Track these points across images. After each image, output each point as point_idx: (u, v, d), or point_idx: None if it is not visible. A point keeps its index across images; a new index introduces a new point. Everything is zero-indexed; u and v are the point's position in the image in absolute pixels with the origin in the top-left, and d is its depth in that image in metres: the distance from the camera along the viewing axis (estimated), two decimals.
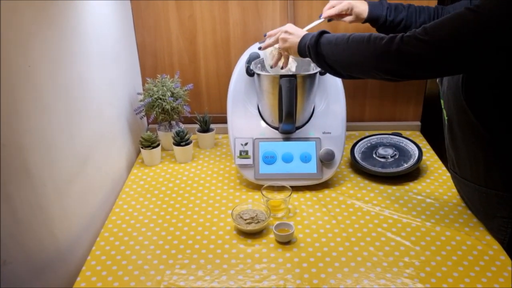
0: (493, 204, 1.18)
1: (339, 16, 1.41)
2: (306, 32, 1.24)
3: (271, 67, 1.39)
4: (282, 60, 1.35)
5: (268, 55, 1.40)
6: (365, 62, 1.08)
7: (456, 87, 1.11)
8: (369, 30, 1.36)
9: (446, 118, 1.23)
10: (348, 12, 1.39)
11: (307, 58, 1.23)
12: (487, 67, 0.99)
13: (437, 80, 1.26)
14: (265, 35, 1.36)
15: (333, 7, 1.41)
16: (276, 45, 1.32)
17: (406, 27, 1.35)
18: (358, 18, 1.38)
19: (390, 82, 1.77)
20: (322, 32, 1.18)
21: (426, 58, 0.99)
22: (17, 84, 0.95)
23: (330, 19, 1.43)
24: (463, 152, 1.21)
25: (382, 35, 1.06)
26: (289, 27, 1.27)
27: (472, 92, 1.09)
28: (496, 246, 1.19)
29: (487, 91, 1.06)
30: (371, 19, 1.37)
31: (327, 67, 1.17)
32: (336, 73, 1.19)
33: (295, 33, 1.25)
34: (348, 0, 1.39)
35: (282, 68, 1.37)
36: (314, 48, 1.17)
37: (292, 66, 1.44)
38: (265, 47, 1.36)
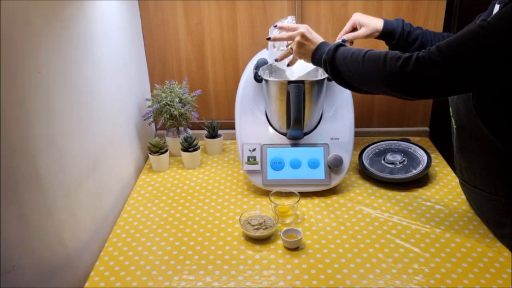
0: (503, 212, 1.17)
1: (353, 30, 1.37)
2: (323, 40, 1.22)
3: (276, 61, 1.37)
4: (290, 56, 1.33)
5: (275, 49, 1.39)
6: (380, 81, 1.07)
7: (467, 97, 1.11)
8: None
9: (454, 126, 1.22)
10: (357, 25, 1.36)
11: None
12: (503, 82, 0.99)
13: None
14: (275, 26, 1.33)
15: (355, 28, 1.38)
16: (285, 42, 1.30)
17: (421, 46, 1.32)
18: (373, 31, 1.33)
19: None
20: (339, 46, 1.17)
21: (442, 79, 0.99)
22: (27, 90, 0.96)
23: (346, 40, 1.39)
24: (473, 160, 1.20)
25: (398, 53, 1.05)
26: (306, 30, 1.23)
27: (483, 101, 1.08)
28: (507, 253, 1.18)
29: (498, 101, 1.06)
30: (386, 32, 1.33)
31: (342, 82, 1.17)
32: (351, 88, 1.19)
33: (312, 39, 1.22)
34: (373, 26, 1.35)
35: (288, 65, 1.36)
36: (331, 63, 1.15)
37: (295, 73, 1.43)
38: (275, 40, 1.33)
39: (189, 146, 1.62)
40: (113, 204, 1.41)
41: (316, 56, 1.21)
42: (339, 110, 1.52)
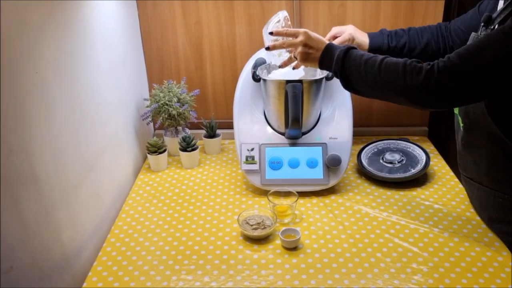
0: (508, 210, 1.16)
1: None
2: (326, 43, 1.17)
3: (280, 67, 1.34)
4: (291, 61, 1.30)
5: (276, 55, 1.37)
6: (400, 95, 1.05)
7: None
8: None
9: (461, 124, 1.21)
10: (349, 43, 1.38)
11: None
12: None
13: None
14: (271, 33, 1.27)
15: (336, 37, 1.41)
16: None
17: (410, 50, 1.35)
18: (360, 49, 1.35)
19: None
20: (346, 52, 1.11)
21: (467, 89, 0.98)
22: (25, 90, 0.96)
23: None
24: (481, 157, 1.19)
25: (417, 65, 1.02)
26: (307, 37, 1.17)
27: (494, 100, 1.07)
28: (506, 252, 1.18)
29: (509, 100, 1.05)
30: (373, 49, 1.37)
31: (355, 91, 1.14)
32: (363, 95, 1.17)
33: (315, 46, 1.17)
34: (349, 31, 1.38)
35: (293, 68, 1.32)
36: (342, 73, 1.12)
37: (300, 69, 1.41)
38: (274, 49, 1.27)
39: (187, 145, 1.62)
40: (111, 204, 1.41)
41: (324, 64, 1.17)
42: (337, 109, 1.52)
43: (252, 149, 1.47)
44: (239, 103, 1.53)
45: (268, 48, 1.27)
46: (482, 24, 1.12)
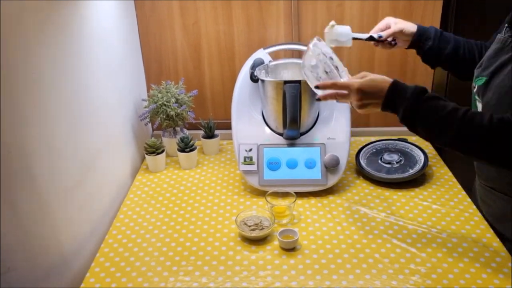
0: None
1: (389, 37, 1.33)
2: (387, 86, 1.03)
3: (318, 100, 1.17)
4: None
5: (313, 75, 1.17)
6: (482, 154, 1.00)
7: (506, 110, 1.04)
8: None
9: None
10: (391, 24, 1.32)
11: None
12: None
13: (475, 88, 1.17)
14: (317, 88, 1.14)
15: (388, 27, 1.33)
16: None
17: (455, 48, 1.30)
18: (408, 28, 1.30)
19: None
20: (416, 101, 1.00)
21: None
22: (22, 91, 0.96)
23: (372, 38, 1.34)
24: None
25: (500, 123, 0.96)
26: (361, 91, 1.05)
27: None
28: (504, 252, 1.18)
29: None
30: (422, 32, 1.30)
31: (420, 135, 1.06)
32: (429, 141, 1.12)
33: (371, 92, 1.05)
34: (402, 25, 1.32)
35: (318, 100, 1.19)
36: (413, 128, 1.02)
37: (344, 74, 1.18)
38: (325, 99, 1.14)
39: (185, 146, 1.61)
40: (109, 205, 1.40)
41: (389, 108, 1.05)
42: (335, 109, 1.51)
43: (250, 150, 1.47)
44: (237, 104, 1.53)
45: (319, 100, 1.15)
46: (506, 25, 1.11)
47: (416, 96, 1.01)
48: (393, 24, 1.33)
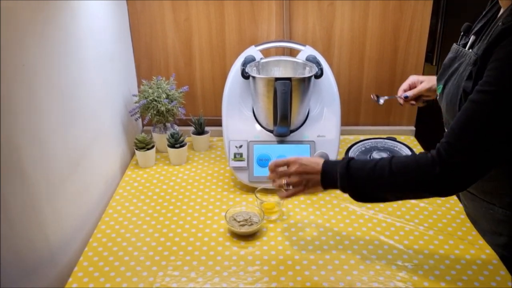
0: (499, 222, 1.15)
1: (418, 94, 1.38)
2: (321, 163, 1.08)
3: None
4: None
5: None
6: (423, 191, 1.01)
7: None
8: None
9: None
10: (416, 83, 1.38)
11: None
12: None
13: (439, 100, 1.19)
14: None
15: (414, 87, 1.38)
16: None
17: None
18: (433, 83, 1.33)
19: (386, 84, 1.78)
20: (348, 164, 1.03)
21: (481, 162, 0.94)
22: (11, 83, 0.95)
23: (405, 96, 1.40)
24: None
25: (426, 156, 0.97)
26: (299, 163, 1.10)
27: None
28: (489, 250, 1.19)
29: None
30: None
31: (369, 199, 1.09)
32: (376, 201, 1.15)
33: (311, 170, 1.09)
34: (427, 80, 1.35)
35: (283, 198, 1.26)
36: (351, 187, 1.04)
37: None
38: (277, 187, 1.17)
39: (175, 142, 1.61)
40: (98, 200, 1.40)
41: (327, 185, 1.08)
42: (325, 107, 1.52)
43: (241, 146, 1.48)
44: (228, 100, 1.53)
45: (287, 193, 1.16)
46: (462, 32, 1.14)
47: (346, 166, 1.03)
48: (418, 83, 1.39)
